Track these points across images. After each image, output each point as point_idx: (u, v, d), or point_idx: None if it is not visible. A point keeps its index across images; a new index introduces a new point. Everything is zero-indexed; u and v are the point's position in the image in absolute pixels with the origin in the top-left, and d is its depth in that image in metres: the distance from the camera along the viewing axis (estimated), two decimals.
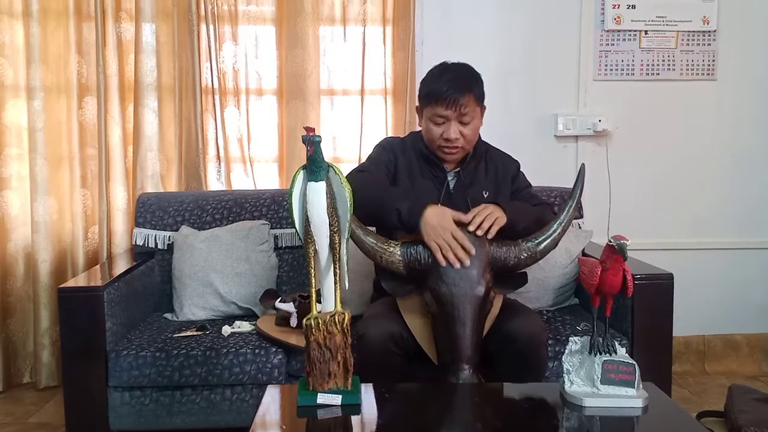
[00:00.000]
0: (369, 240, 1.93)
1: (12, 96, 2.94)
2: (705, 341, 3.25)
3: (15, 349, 3.02)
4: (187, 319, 2.56)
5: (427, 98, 2.12)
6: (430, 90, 2.10)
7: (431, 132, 2.12)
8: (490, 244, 1.92)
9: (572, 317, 2.50)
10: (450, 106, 2.05)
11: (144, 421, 2.25)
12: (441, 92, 2.06)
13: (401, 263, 1.91)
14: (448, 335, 1.85)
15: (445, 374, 1.86)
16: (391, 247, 1.92)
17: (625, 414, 1.61)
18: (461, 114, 2.07)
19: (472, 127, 2.12)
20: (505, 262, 1.93)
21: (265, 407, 1.67)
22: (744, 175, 3.23)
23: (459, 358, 1.84)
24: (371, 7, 3.04)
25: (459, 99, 2.05)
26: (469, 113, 2.08)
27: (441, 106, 2.06)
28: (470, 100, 2.08)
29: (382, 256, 1.93)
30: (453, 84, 2.07)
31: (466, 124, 2.09)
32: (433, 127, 2.11)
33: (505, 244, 1.94)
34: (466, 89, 2.07)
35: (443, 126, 2.09)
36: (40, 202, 2.90)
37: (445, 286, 1.86)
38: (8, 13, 2.90)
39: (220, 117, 3.02)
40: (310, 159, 1.60)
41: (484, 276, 1.87)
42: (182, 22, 2.93)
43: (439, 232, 1.87)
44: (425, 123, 2.15)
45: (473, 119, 2.10)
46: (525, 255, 1.95)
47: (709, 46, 3.15)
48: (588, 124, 3.12)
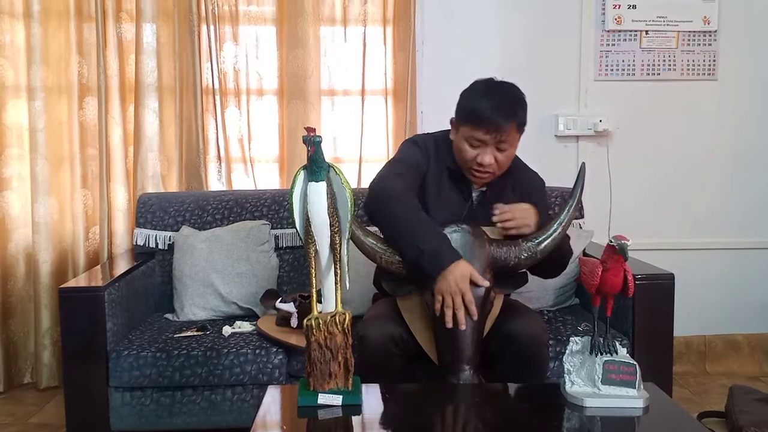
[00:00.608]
0: (369, 241, 1.93)
1: (13, 96, 2.94)
2: (706, 341, 3.25)
3: (16, 349, 3.02)
4: (188, 320, 2.56)
5: (467, 118, 1.99)
6: (473, 110, 1.97)
7: (465, 152, 2.01)
8: (490, 244, 1.92)
9: (573, 317, 2.50)
10: (490, 131, 1.94)
11: (145, 421, 2.25)
12: (484, 116, 1.94)
13: (401, 264, 1.91)
14: (449, 335, 1.85)
15: (446, 375, 1.86)
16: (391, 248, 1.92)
17: (626, 414, 1.61)
18: (500, 141, 1.96)
19: (508, 154, 2.02)
20: (506, 262, 1.93)
21: (266, 407, 1.67)
22: (745, 175, 3.23)
23: (459, 358, 1.83)
24: (372, 7, 3.04)
25: (501, 127, 1.94)
26: (508, 141, 1.98)
27: (481, 130, 1.95)
28: (512, 128, 1.96)
29: (383, 257, 1.92)
30: (498, 109, 1.94)
31: (502, 150, 1.99)
32: (467, 147, 2.00)
33: (505, 244, 1.94)
34: (510, 117, 1.95)
35: (479, 149, 1.98)
36: (40, 202, 2.90)
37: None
38: (9, 14, 2.91)
39: (221, 117, 3.02)
40: (311, 159, 1.60)
41: (485, 276, 1.87)
42: (183, 23, 2.94)
43: (454, 290, 1.79)
44: (459, 141, 2.02)
45: (511, 146, 2.00)
46: (525, 255, 1.94)
47: (709, 47, 3.14)
48: (589, 125, 3.12)
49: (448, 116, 2.10)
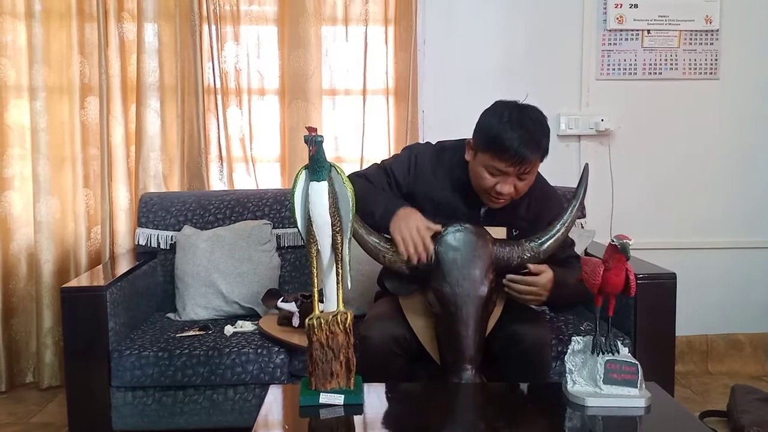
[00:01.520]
0: (372, 240, 1.92)
1: (15, 96, 2.94)
2: (708, 341, 3.24)
3: (18, 349, 3.02)
4: (190, 319, 2.57)
5: (489, 146, 1.88)
6: (497, 140, 1.86)
7: (484, 180, 1.92)
8: (493, 244, 1.91)
9: (575, 317, 2.50)
10: (515, 164, 1.87)
11: (146, 421, 2.25)
12: (509, 148, 1.84)
13: (404, 263, 1.91)
14: (451, 335, 1.85)
15: (448, 374, 1.86)
16: (394, 246, 1.92)
17: (628, 414, 1.61)
18: (522, 172, 1.89)
19: (528, 182, 1.95)
20: (509, 262, 1.92)
21: (268, 407, 1.67)
22: (747, 174, 3.22)
23: (462, 358, 1.83)
24: (373, 7, 3.04)
25: (526, 160, 1.86)
26: (530, 171, 1.91)
27: (504, 162, 1.86)
28: (537, 159, 1.90)
29: (385, 255, 1.92)
30: (524, 142, 1.85)
31: (523, 180, 1.92)
32: (487, 176, 1.91)
33: (508, 244, 1.94)
34: (536, 149, 1.87)
35: (498, 178, 1.90)
36: (42, 202, 2.90)
37: (448, 286, 1.85)
38: (11, 14, 2.91)
39: (223, 117, 3.02)
40: (313, 159, 1.60)
41: (487, 276, 1.87)
42: (184, 23, 2.94)
43: (404, 226, 1.86)
44: (477, 167, 1.93)
45: (531, 175, 1.93)
46: (528, 255, 1.93)
47: (711, 46, 3.14)
48: (590, 124, 3.12)
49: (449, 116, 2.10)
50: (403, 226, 1.87)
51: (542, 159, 1.94)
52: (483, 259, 1.88)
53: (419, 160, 2.08)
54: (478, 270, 1.86)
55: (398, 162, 2.09)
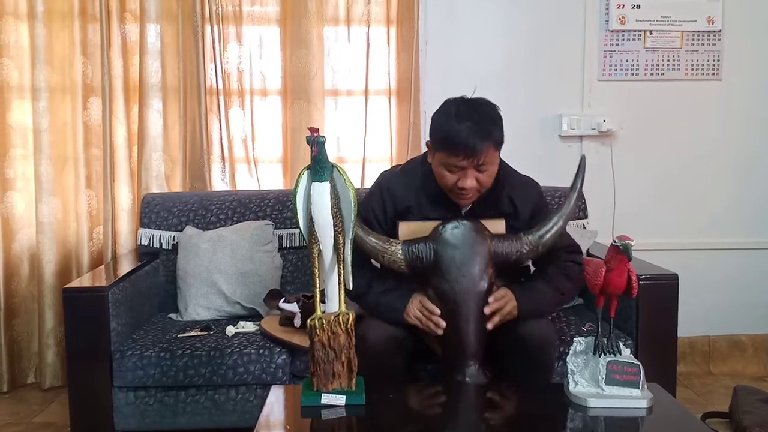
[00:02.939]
0: (371, 240, 1.93)
1: (17, 97, 2.94)
2: (710, 342, 3.24)
3: (20, 349, 3.02)
4: (192, 320, 2.57)
5: (441, 144, 1.92)
6: (446, 137, 1.90)
7: (445, 178, 1.94)
8: (491, 239, 1.91)
9: (577, 318, 2.50)
10: (467, 157, 1.87)
11: (148, 421, 2.25)
12: (458, 142, 1.86)
13: (403, 262, 1.91)
14: (452, 332, 1.86)
15: (450, 371, 1.86)
16: (392, 246, 1.92)
17: (630, 415, 1.61)
18: (479, 164, 1.89)
19: (489, 173, 1.94)
20: (507, 256, 1.92)
21: (270, 407, 1.67)
22: (749, 175, 3.22)
23: (464, 354, 1.84)
24: (375, 7, 3.04)
25: (477, 151, 1.86)
26: (487, 161, 1.90)
27: (457, 157, 1.87)
28: (489, 148, 1.89)
29: (384, 255, 1.92)
30: (471, 134, 1.86)
31: (483, 171, 1.92)
32: (446, 173, 1.93)
33: (506, 238, 1.94)
34: (485, 138, 1.87)
35: (458, 174, 1.91)
36: (45, 202, 2.90)
37: (448, 283, 1.86)
38: (13, 15, 2.91)
39: (225, 117, 3.03)
40: (315, 159, 1.60)
41: (486, 271, 1.87)
42: (187, 23, 2.94)
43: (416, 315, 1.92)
44: (438, 167, 1.95)
45: (491, 164, 1.93)
46: (527, 249, 1.93)
47: (714, 46, 3.14)
48: (592, 124, 3.12)
49: None
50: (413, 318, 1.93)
51: (497, 148, 1.93)
52: (481, 255, 1.88)
53: (390, 186, 2.08)
54: (476, 266, 1.87)
55: (371, 198, 2.08)
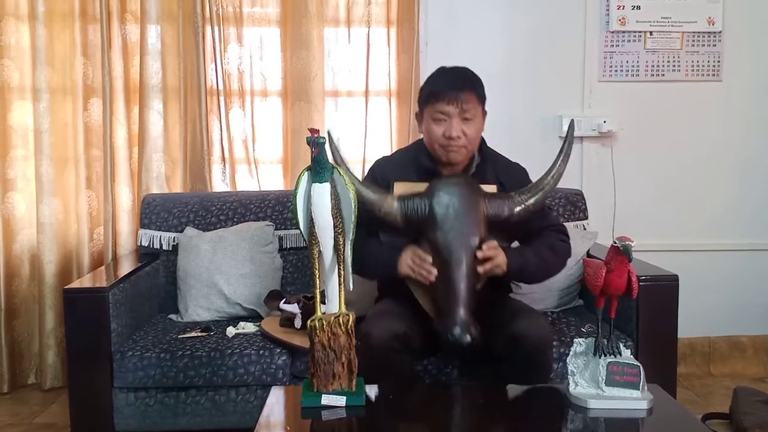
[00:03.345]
0: (367, 192, 1.98)
1: (18, 98, 2.95)
2: (710, 343, 3.24)
3: (20, 350, 3.03)
4: (192, 320, 2.57)
5: (427, 98, 2.08)
6: (431, 89, 2.08)
7: (432, 132, 2.07)
8: (484, 198, 1.98)
9: (577, 319, 2.49)
10: (452, 101, 2.02)
11: (149, 422, 2.25)
12: (442, 89, 2.05)
13: (399, 214, 1.96)
14: (444, 280, 1.89)
15: (442, 323, 1.87)
16: (388, 199, 1.98)
17: (630, 416, 1.61)
18: (463, 110, 2.03)
19: (475, 127, 2.07)
20: (499, 214, 1.98)
21: (270, 408, 1.67)
22: (749, 176, 3.22)
23: (455, 302, 1.86)
24: (375, 8, 3.04)
25: (461, 95, 2.03)
26: (471, 110, 2.04)
27: (442, 102, 2.03)
28: (472, 97, 2.05)
29: (381, 207, 1.98)
30: (453, 81, 2.06)
31: (468, 120, 2.05)
32: (434, 126, 2.06)
33: (499, 196, 2.01)
34: (467, 86, 2.06)
35: (445, 124, 2.04)
36: (45, 203, 2.91)
37: (441, 233, 1.91)
38: (14, 15, 2.91)
39: (225, 118, 3.03)
40: (315, 160, 1.60)
41: (479, 227, 1.93)
42: (187, 24, 2.94)
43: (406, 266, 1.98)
44: (426, 124, 2.09)
45: (475, 117, 2.06)
46: (518, 207, 2.00)
47: (714, 47, 3.14)
48: (593, 126, 3.12)
49: None
50: (406, 268, 1.98)
51: (480, 102, 2.09)
52: (475, 209, 1.95)
53: (382, 168, 2.21)
54: (470, 219, 1.92)
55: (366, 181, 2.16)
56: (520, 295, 2.47)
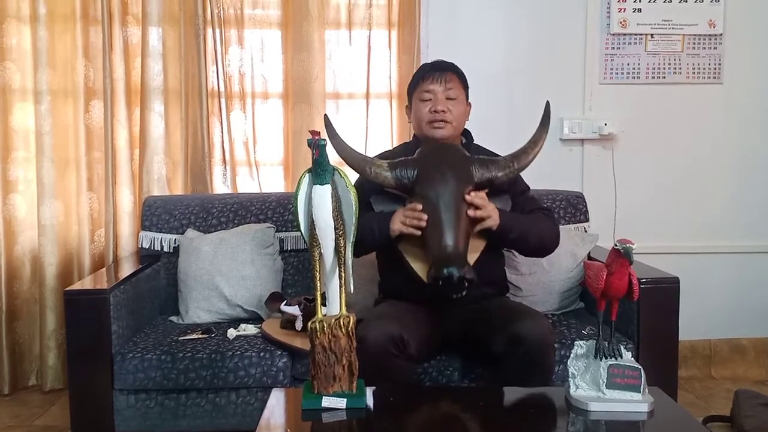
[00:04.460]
0: (357, 153, 2.10)
1: (19, 99, 2.95)
2: (711, 345, 3.23)
3: (21, 351, 3.03)
4: (193, 322, 2.57)
5: (414, 83, 2.24)
6: (417, 75, 2.26)
7: (420, 111, 2.19)
8: (472, 160, 2.06)
9: (577, 321, 2.49)
10: (436, 80, 2.18)
11: (149, 424, 2.25)
12: (426, 71, 2.23)
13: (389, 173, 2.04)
14: (435, 225, 1.92)
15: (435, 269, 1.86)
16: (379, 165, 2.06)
17: (631, 418, 1.61)
18: (447, 89, 2.17)
19: (459, 107, 2.20)
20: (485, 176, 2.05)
21: (270, 410, 1.67)
22: (750, 178, 3.22)
23: (446, 243, 1.88)
24: (377, 10, 3.05)
25: (444, 74, 2.19)
26: (455, 90, 2.19)
27: (427, 81, 2.18)
28: (454, 77, 2.21)
29: (371, 167, 2.06)
30: (437, 65, 2.25)
31: (452, 100, 2.18)
32: (421, 105, 2.19)
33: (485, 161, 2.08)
34: (450, 68, 2.23)
35: (431, 102, 2.17)
36: (46, 205, 2.91)
37: (430, 184, 1.98)
38: (16, 17, 2.92)
39: (226, 120, 3.03)
40: (316, 162, 1.60)
41: (467, 182, 2.00)
42: (189, 26, 2.95)
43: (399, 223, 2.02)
44: (415, 107, 2.22)
45: (459, 98, 2.20)
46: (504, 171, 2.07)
47: (715, 50, 3.14)
48: (594, 128, 3.12)
49: None
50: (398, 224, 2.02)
51: (462, 83, 2.23)
52: (462, 165, 2.03)
53: None
54: (458, 173, 2.00)
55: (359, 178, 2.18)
56: (520, 297, 2.47)
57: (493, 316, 2.02)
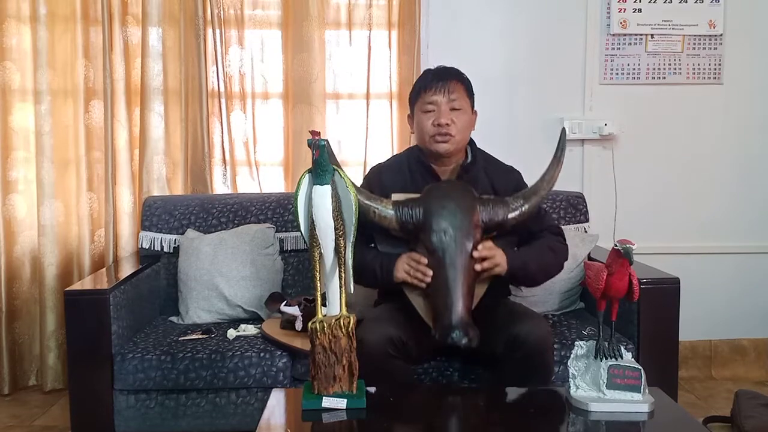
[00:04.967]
0: (361, 197, 1.98)
1: (19, 100, 2.95)
2: (711, 346, 3.23)
3: (21, 351, 3.02)
4: (193, 323, 2.57)
5: (416, 93, 2.15)
6: (419, 84, 2.16)
7: (423, 124, 2.12)
8: (479, 203, 1.99)
9: (578, 321, 2.49)
10: (439, 90, 2.09)
11: (149, 424, 2.25)
12: (428, 80, 2.12)
13: (393, 218, 1.98)
14: (440, 281, 1.89)
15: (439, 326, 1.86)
16: (383, 203, 1.99)
17: (631, 419, 1.61)
18: (451, 100, 2.09)
19: (463, 118, 2.11)
20: (494, 218, 1.99)
21: (270, 411, 1.67)
22: (750, 178, 3.21)
23: (452, 303, 1.86)
24: (377, 11, 3.04)
25: (448, 84, 2.09)
26: (459, 100, 2.10)
27: (430, 92, 2.10)
28: (459, 87, 2.12)
29: (375, 211, 1.99)
30: (440, 73, 2.13)
31: (456, 110, 2.10)
32: (424, 118, 2.11)
33: (493, 200, 2.02)
34: (454, 77, 2.13)
35: (434, 114, 2.09)
36: (46, 205, 2.91)
37: (436, 234, 1.92)
38: (16, 17, 2.92)
39: (226, 121, 3.03)
40: (316, 163, 1.60)
41: (475, 229, 1.94)
42: (189, 27, 2.95)
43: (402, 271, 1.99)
44: (417, 119, 2.15)
45: (463, 108, 2.11)
46: (513, 213, 2.01)
47: (715, 50, 3.14)
48: (594, 128, 3.12)
49: None
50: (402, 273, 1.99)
51: (467, 92, 2.14)
52: (470, 212, 1.96)
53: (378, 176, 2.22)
54: (465, 221, 1.94)
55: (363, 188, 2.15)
56: (520, 298, 2.47)
57: (492, 317, 2.02)
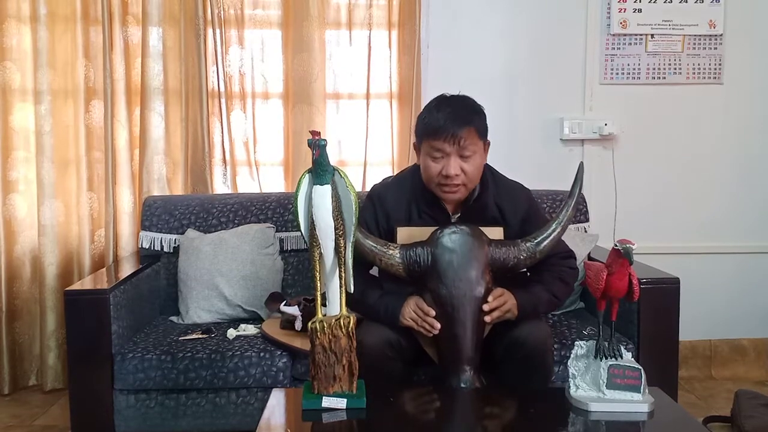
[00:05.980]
0: (368, 243, 1.92)
1: (20, 100, 2.95)
2: (711, 346, 3.23)
3: (21, 351, 3.02)
4: (193, 322, 2.57)
5: (424, 133, 1.99)
6: (427, 124, 1.97)
7: (429, 169, 1.98)
8: (489, 245, 1.92)
9: (578, 321, 2.49)
10: (448, 139, 1.92)
11: (149, 424, 2.25)
12: (439, 126, 1.93)
13: (401, 266, 1.91)
14: (449, 336, 1.86)
15: (447, 376, 1.86)
16: (390, 249, 1.92)
17: (631, 419, 1.61)
18: (461, 148, 1.93)
19: (474, 164, 1.97)
20: (505, 262, 1.92)
21: (270, 410, 1.67)
22: (750, 178, 3.21)
23: (460, 359, 1.84)
24: (377, 11, 3.04)
25: (458, 132, 1.92)
26: (470, 147, 1.94)
27: (439, 140, 1.93)
28: (471, 133, 1.94)
29: (382, 258, 1.93)
30: (452, 117, 1.94)
31: (466, 158, 1.95)
32: (431, 163, 1.97)
33: (504, 244, 1.94)
34: (466, 122, 1.94)
35: (442, 161, 1.95)
36: (46, 205, 2.91)
37: (445, 288, 1.86)
38: (16, 17, 2.92)
39: (227, 120, 3.03)
40: (316, 162, 1.60)
41: (484, 277, 1.88)
42: (189, 27, 2.95)
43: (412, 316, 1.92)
44: (423, 159, 2.00)
45: (474, 154, 1.96)
46: (524, 255, 1.94)
47: (715, 50, 3.14)
48: (594, 128, 3.12)
49: None
50: (409, 320, 1.93)
51: (481, 137, 1.98)
52: (479, 260, 1.89)
53: (381, 199, 2.11)
54: (474, 271, 1.87)
55: (364, 211, 2.07)
56: None
57: None
